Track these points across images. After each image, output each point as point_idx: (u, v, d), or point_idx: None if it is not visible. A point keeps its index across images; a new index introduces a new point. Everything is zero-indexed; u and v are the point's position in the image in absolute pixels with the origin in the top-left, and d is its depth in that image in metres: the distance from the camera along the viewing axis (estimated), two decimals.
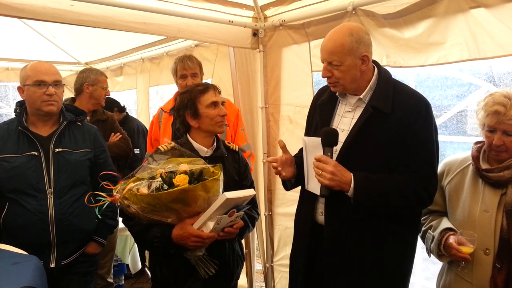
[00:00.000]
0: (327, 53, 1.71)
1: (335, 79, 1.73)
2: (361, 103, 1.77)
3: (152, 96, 4.63)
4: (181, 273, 1.83)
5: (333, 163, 1.65)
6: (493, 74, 2.41)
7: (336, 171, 1.63)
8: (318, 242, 1.81)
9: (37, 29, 4.29)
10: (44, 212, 2.00)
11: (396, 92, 1.74)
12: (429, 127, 1.71)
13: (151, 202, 1.61)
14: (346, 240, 1.75)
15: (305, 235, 1.88)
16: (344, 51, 1.68)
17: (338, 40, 1.70)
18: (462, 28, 2.07)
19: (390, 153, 1.69)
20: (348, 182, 1.64)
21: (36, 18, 2.39)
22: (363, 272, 1.75)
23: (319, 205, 1.83)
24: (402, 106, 1.69)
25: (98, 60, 5.17)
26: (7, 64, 4.98)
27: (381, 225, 1.72)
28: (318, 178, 1.66)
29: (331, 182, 1.64)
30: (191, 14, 2.74)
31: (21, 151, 2.00)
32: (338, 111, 1.85)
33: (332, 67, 1.71)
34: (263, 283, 3.53)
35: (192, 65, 2.68)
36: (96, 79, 2.99)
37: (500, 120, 1.65)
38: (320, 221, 1.82)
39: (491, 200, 1.71)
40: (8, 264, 1.55)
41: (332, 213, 1.77)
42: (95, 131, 2.28)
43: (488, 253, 1.69)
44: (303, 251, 1.88)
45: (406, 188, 1.67)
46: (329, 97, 1.87)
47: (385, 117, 1.69)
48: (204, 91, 1.90)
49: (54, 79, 2.05)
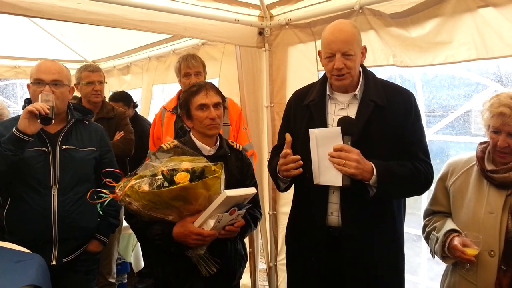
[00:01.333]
0: (342, 42, 1.70)
1: (347, 70, 1.73)
2: (354, 100, 1.80)
3: (157, 95, 4.63)
4: (183, 271, 1.83)
5: (356, 151, 1.65)
6: (501, 74, 2.39)
7: (360, 159, 1.65)
8: (331, 247, 1.77)
9: (45, 27, 4.33)
10: (48, 208, 2.01)
11: (384, 87, 1.82)
12: (420, 118, 1.84)
13: (152, 199, 1.62)
14: (360, 240, 1.76)
15: (320, 243, 1.79)
16: (356, 41, 1.72)
17: (350, 30, 1.72)
18: (470, 27, 2.05)
19: (392, 144, 1.75)
20: (370, 170, 1.66)
21: (44, 17, 2.41)
22: (383, 271, 1.80)
23: (329, 204, 1.79)
24: (394, 100, 1.77)
25: (105, 58, 5.20)
26: (15, 62, 5.02)
27: (391, 221, 1.82)
28: (341, 168, 1.64)
29: (356, 171, 1.63)
30: (198, 12, 2.75)
31: (32, 145, 2.01)
32: (329, 110, 1.84)
33: (346, 57, 1.71)
34: (266, 282, 3.53)
35: (196, 64, 2.69)
36: (79, 77, 2.94)
37: (505, 122, 1.63)
38: (331, 223, 1.79)
39: (496, 201, 1.69)
40: (12, 262, 1.56)
41: (348, 210, 1.75)
42: (102, 131, 2.30)
43: (493, 255, 1.66)
44: (320, 264, 1.80)
45: (418, 173, 1.74)
46: (318, 97, 1.86)
47: (382, 110, 1.75)
48: (195, 93, 1.88)
49: (52, 78, 2.03)
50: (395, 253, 1.85)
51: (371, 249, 1.77)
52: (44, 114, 1.87)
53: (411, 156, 1.77)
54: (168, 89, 4.63)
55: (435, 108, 2.82)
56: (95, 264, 2.30)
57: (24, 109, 1.91)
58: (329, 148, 1.68)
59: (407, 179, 1.73)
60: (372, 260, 1.77)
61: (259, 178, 2.26)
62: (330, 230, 1.79)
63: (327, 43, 1.74)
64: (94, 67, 3.07)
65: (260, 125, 3.29)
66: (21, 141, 1.89)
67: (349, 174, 1.64)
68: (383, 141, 1.74)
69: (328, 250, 1.79)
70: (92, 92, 2.94)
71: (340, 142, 1.67)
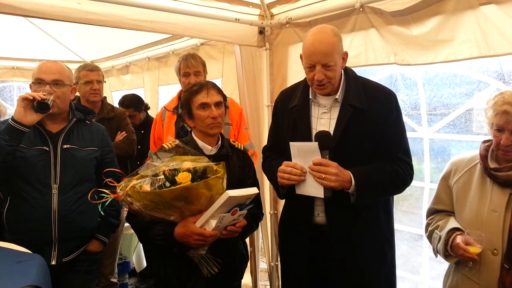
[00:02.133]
0: (322, 55, 1.72)
1: (327, 80, 1.76)
2: (336, 103, 1.83)
3: (163, 96, 4.61)
4: (184, 272, 1.82)
5: (335, 165, 1.71)
6: (503, 72, 2.38)
7: (339, 172, 1.69)
8: (317, 243, 1.84)
9: (43, 28, 4.31)
10: (48, 207, 2.00)
11: (365, 88, 1.83)
12: (401, 117, 1.87)
13: (154, 200, 1.61)
14: (348, 236, 1.81)
15: (305, 238, 1.87)
16: (336, 51, 1.74)
17: (330, 41, 1.73)
18: (472, 24, 2.05)
19: (372, 146, 1.79)
20: (349, 180, 1.72)
21: (44, 17, 2.40)
22: (370, 264, 1.84)
23: (316, 207, 1.85)
24: (375, 101, 1.80)
25: (103, 59, 5.19)
26: (12, 63, 5.00)
27: (376, 217, 1.86)
28: (322, 181, 1.70)
29: (336, 183, 1.69)
30: (198, 12, 2.74)
31: (33, 144, 2.01)
32: (313, 114, 1.88)
33: (326, 68, 1.73)
34: (267, 282, 3.52)
35: (195, 63, 2.68)
36: (77, 77, 2.93)
37: (509, 120, 1.63)
38: (318, 222, 1.85)
39: (499, 200, 1.68)
40: (13, 263, 1.55)
41: (333, 213, 1.80)
42: (103, 131, 2.29)
43: (496, 254, 1.66)
44: (303, 255, 1.88)
45: (396, 176, 1.80)
46: (301, 101, 1.89)
47: (362, 113, 1.77)
48: (196, 92, 1.88)
49: (53, 78, 2.02)
50: (382, 246, 1.88)
51: (358, 243, 1.82)
52: (40, 100, 1.86)
53: (391, 156, 1.82)
54: (173, 90, 4.62)
55: (436, 107, 2.82)
56: (95, 264, 2.29)
57: (18, 98, 1.89)
58: (309, 161, 1.73)
59: (385, 183, 1.79)
60: (359, 254, 1.82)
61: (260, 177, 2.25)
62: (317, 226, 1.85)
63: (308, 54, 1.76)
64: (92, 66, 3.06)
65: (261, 125, 3.28)
66: (16, 130, 1.87)
67: (329, 187, 1.70)
68: (362, 144, 1.78)
69: (314, 242, 1.85)
70: (90, 91, 2.93)
71: (319, 157, 1.71)
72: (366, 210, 1.82)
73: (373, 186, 1.75)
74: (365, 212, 1.83)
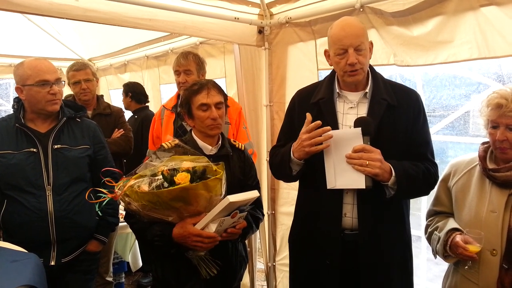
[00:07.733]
0: (354, 37, 1.68)
1: (360, 66, 1.71)
2: (364, 99, 1.78)
3: (166, 94, 4.58)
4: (183, 273, 1.80)
5: (378, 151, 1.64)
6: (503, 74, 2.39)
7: (382, 158, 1.63)
8: (346, 249, 1.75)
9: (41, 25, 4.28)
10: (43, 209, 1.98)
11: (392, 86, 1.81)
12: (427, 118, 1.86)
13: (152, 200, 1.59)
14: (379, 241, 1.75)
15: (336, 245, 1.75)
16: (365, 35, 1.72)
17: (359, 25, 1.71)
18: (472, 26, 2.04)
19: (404, 143, 1.75)
20: (390, 171, 1.65)
21: (42, 14, 2.37)
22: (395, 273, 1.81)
23: (344, 205, 1.75)
24: (403, 100, 1.77)
25: (101, 56, 5.16)
26: (9, 60, 4.97)
27: (402, 220, 1.84)
28: (364, 169, 1.61)
29: (380, 171, 1.60)
30: (197, 10, 2.73)
31: (19, 147, 1.97)
32: (338, 109, 1.81)
33: (358, 52, 1.69)
34: (264, 282, 3.51)
35: (185, 62, 2.64)
36: (67, 77, 2.95)
37: (502, 113, 1.63)
38: (344, 225, 1.76)
39: (498, 200, 1.68)
40: (7, 262, 1.52)
41: (365, 210, 1.73)
42: (95, 127, 2.25)
43: (495, 254, 1.66)
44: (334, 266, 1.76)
45: (429, 174, 1.76)
46: (327, 95, 1.82)
47: (393, 109, 1.75)
48: (196, 92, 1.85)
49: (55, 77, 2.02)
50: (405, 254, 1.86)
51: (387, 251, 1.77)
52: None
53: (420, 156, 1.78)
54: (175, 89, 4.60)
55: (435, 108, 2.82)
56: (94, 264, 2.27)
57: None
58: (347, 150, 1.64)
59: (420, 180, 1.73)
60: (387, 262, 1.77)
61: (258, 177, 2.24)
62: (344, 233, 1.76)
63: (338, 39, 1.70)
64: (79, 66, 3.04)
65: (260, 124, 3.27)
66: None
67: (372, 175, 1.61)
68: (394, 141, 1.73)
69: (343, 253, 1.76)
70: (80, 91, 2.96)
71: (360, 143, 1.64)
72: (393, 211, 1.79)
73: (411, 180, 1.68)
74: (394, 215, 1.79)
